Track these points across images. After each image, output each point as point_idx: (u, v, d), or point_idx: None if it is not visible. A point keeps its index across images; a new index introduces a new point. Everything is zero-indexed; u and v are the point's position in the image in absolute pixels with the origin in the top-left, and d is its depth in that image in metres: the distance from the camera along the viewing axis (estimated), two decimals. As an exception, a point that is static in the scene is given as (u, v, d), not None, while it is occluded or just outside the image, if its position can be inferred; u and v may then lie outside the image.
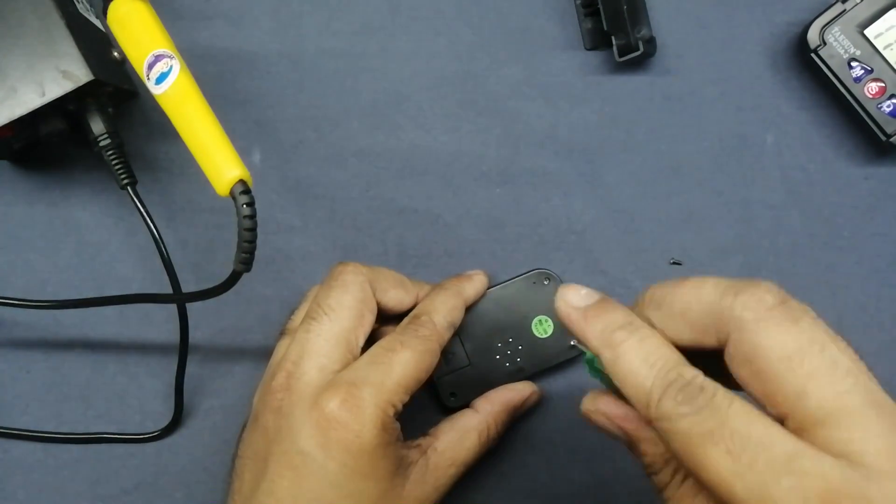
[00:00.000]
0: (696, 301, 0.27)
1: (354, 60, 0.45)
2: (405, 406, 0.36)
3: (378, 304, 0.38)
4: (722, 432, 0.24)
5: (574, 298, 0.30)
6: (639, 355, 0.27)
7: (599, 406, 0.30)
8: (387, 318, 0.40)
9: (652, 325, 0.28)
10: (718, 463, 0.24)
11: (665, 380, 0.26)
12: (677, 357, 0.27)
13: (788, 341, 0.25)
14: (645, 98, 0.45)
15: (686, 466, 0.25)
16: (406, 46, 0.45)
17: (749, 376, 0.26)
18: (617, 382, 0.28)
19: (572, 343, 0.42)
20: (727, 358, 0.27)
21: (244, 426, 0.39)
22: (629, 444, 0.30)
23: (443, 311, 0.39)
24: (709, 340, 0.27)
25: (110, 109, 0.41)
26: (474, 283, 0.42)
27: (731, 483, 0.24)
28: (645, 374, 0.26)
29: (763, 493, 0.23)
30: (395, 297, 0.39)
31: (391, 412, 0.35)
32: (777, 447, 0.23)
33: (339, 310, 0.36)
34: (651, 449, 0.29)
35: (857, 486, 0.22)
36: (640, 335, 0.28)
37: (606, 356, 0.28)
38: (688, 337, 0.28)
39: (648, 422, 0.27)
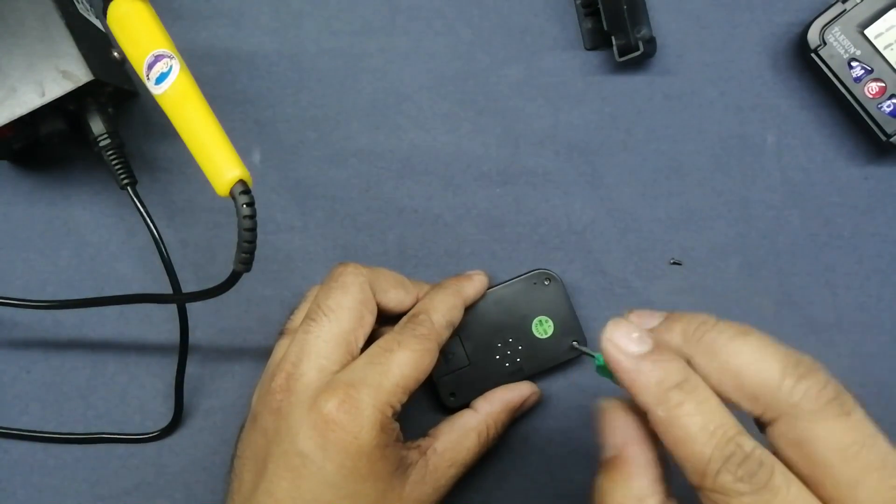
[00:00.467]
0: (756, 370, 0.26)
1: (354, 60, 0.45)
2: (404, 406, 0.36)
3: (378, 304, 0.38)
4: None
5: (625, 342, 0.28)
6: (697, 421, 0.26)
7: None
8: (386, 319, 0.40)
9: (694, 368, 0.27)
10: None
11: (724, 451, 0.25)
12: (737, 425, 0.26)
13: (845, 435, 0.25)
14: (645, 98, 0.45)
15: None
16: (406, 46, 0.45)
17: (799, 458, 0.26)
18: (667, 443, 0.26)
19: (573, 343, 0.42)
20: (773, 433, 0.26)
21: (242, 426, 0.39)
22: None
23: (441, 310, 0.39)
24: (753, 409, 0.27)
25: (110, 109, 0.41)
26: (474, 283, 0.42)
27: None
28: (704, 441, 0.25)
29: None
30: (395, 298, 0.39)
31: (389, 413, 0.35)
32: None
33: (339, 311, 0.36)
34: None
35: None
36: (699, 397, 0.26)
37: (660, 415, 0.26)
38: (732, 397, 0.27)
39: (696, 487, 0.26)
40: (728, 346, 0.27)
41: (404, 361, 0.35)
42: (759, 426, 0.27)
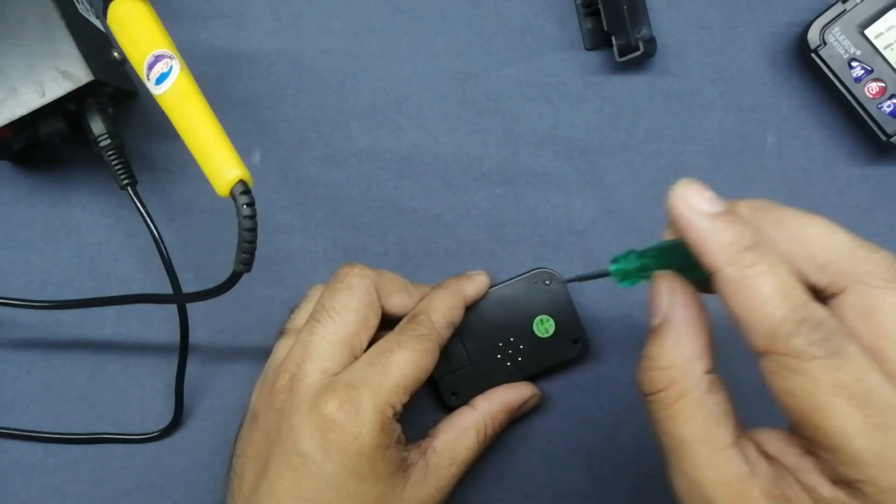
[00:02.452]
0: (827, 241, 0.26)
1: (354, 60, 0.45)
2: (405, 406, 0.36)
3: (381, 308, 0.38)
4: (855, 387, 0.24)
5: (698, 201, 0.27)
6: (770, 282, 0.25)
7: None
8: (386, 323, 0.40)
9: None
10: (845, 416, 0.23)
11: (798, 314, 0.24)
12: (808, 293, 0.25)
13: None
14: (645, 98, 0.45)
15: (792, 404, 0.25)
16: (406, 46, 0.45)
17: (866, 328, 0.25)
18: (734, 305, 0.25)
19: (575, 341, 0.42)
20: (840, 304, 0.26)
21: (241, 426, 0.39)
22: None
23: (441, 309, 0.39)
24: (820, 280, 0.26)
25: (110, 110, 0.41)
26: (475, 283, 0.41)
27: (852, 439, 0.23)
28: (777, 303, 0.24)
29: (891, 458, 0.23)
30: (399, 303, 0.39)
31: (390, 413, 0.35)
32: None
33: (344, 313, 0.36)
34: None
35: None
36: (772, 261, 0.25)
37: (730, 274, 0.25)
38: (802, 266, 0.27)
39: (762, 351, 0.25)
40: (797, 219, 0.27)
41: (404, 361, 0.35)
42: (823, 300, 0.27)
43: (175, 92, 0.36)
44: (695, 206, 0.27)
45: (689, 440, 0.27)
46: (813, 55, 0.43)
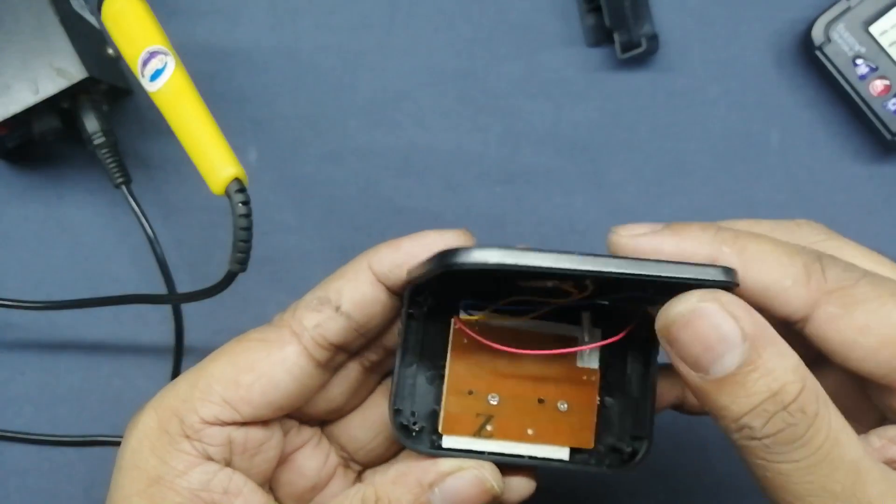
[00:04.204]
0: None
1: (352, 57, 0.45)
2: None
3: None
4: None
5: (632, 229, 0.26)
6: (770, 242, 0.24)
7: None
8: None
9: None
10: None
11: (817, 255, 0.24)
12: None
13: None
14: (647, 95, 0.44)
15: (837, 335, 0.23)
16: (405, 43, 0.45)
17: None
18: (749, 269, 0.24)
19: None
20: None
21: None
22: None
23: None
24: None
25: (104, 107, 0.41)
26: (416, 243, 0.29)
27: None
28: (794, 250, 0.24)
29: None
30: None
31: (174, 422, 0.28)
32: None
33: None
34: None
35: None
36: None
37: (728, 251, 0.24)
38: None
39: (805, 302, 0.23)
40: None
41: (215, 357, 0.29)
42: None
43: (170, 89, 0.36)
44: (630, 232, 0.26)
45: (860, 458, 0.22)
46: (817, 52, 0.42)
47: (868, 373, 0.24)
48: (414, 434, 0.29)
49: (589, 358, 0.29)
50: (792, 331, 0.24)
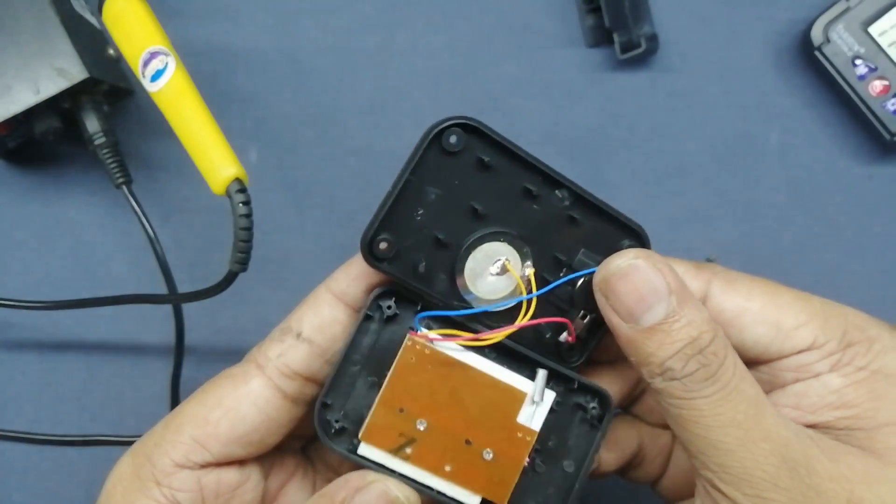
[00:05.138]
0: None
1: (353, 58, 0.45)
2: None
3: None
4: None
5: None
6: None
7: None
8: None
9: None
10: None
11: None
12: None
13: None
14: (647, 96, 0.44)
15: None
16: (405, 43, 0.45)
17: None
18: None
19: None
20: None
21: None
22: None
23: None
24: None
25: (105, 107, 0.41)
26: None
27: None
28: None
29: None
30: None
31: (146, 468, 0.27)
32: None
33: None
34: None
35: None
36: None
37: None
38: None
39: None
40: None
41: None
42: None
43: (170, 89, 0.36)
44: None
45: (758, 394, 0.25)
46: (816, 53, 0.42)
47: (759, 336, 0.27)
48: (334, 431, 0.28)
49: (532, 417, 0.29)
50: None
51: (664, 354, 0.25)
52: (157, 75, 0.36)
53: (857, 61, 0.42)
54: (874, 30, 0.42)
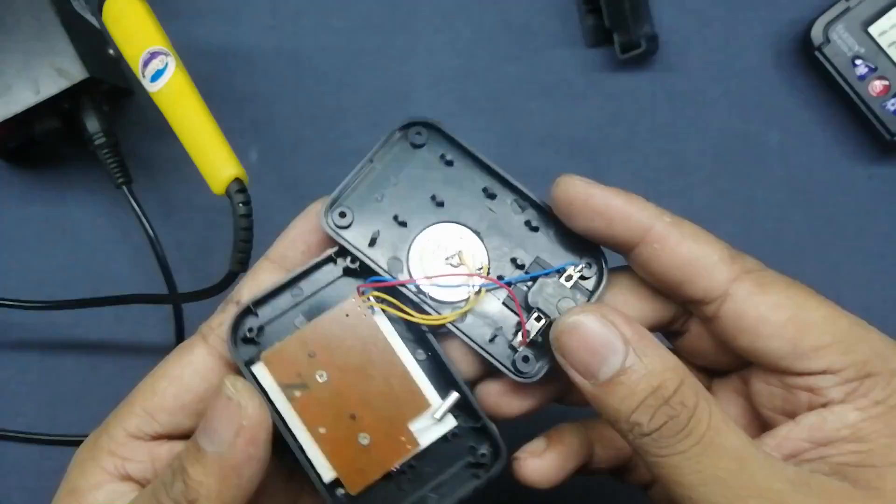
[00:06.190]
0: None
1: (353, 58, 0.45)
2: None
3: None
4: None
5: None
6: (700, 228, 0.27)
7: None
8: None
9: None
10: None
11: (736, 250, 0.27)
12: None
13: None
14: (647, 96, 0.44)
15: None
16: (405, 44, 0.45)
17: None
18: (684, 240, 0.26)
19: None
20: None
21: None
22: None
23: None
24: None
25: (105, 107, 0.41)
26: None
27: None
28: (719, 239, 0.27)
29: None
30: None
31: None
32: None
33: None
34: None
35: None
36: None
37: (668, 220, 0.27)
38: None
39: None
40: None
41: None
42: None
43: (171, 89, 0.36)
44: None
45: (741, 445, 0.24)
46: (816, 53, 0.42)
47: (773, 350, 0.26)
48: (243, 338, 0.28)
49: (424, 432, 0.27)
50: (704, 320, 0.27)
51: (627, 408, 0.24)
52: (157, 75, 0.36)
53: (857, 61, 0.42)
54: (874, 30, 0.42)
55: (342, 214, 0.29)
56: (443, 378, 0.28)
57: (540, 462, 0.28)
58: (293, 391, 0.27)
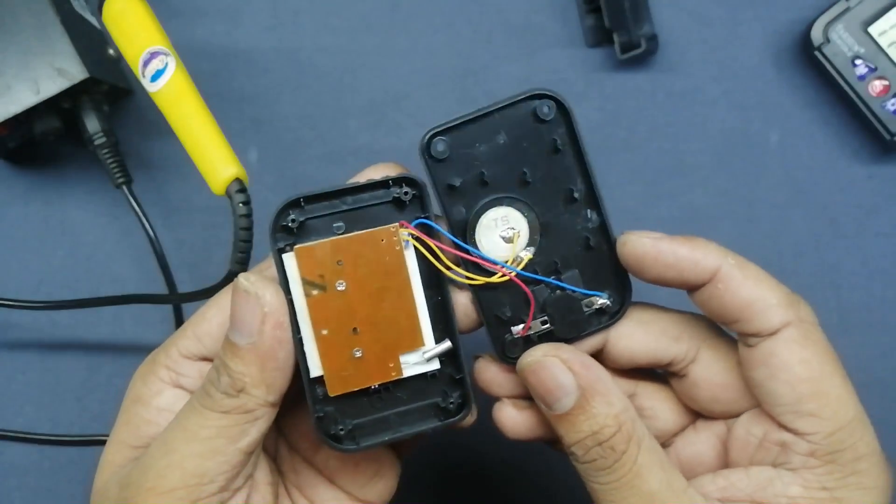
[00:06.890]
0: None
1: (353, 57, 0.45)
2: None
3: None
4: None
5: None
6: (763, 270, 0.29)
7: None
8: None
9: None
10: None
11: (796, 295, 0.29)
12: None
13: None
14: (647, 96, 0.44)
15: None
16: (405, 43, 0.45)
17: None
18: (746, 281, 0.28)
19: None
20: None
21: None
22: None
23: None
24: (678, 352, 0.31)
25: (105, 107, 0.41)
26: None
27: None
28: (779, 282, 0.29)
29: None
30: None
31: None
32: None
33: None
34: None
35: None
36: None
37: (732, 262, 0.29)
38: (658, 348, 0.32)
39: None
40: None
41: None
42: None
43: (170, 89, 0.36)
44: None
45: (657, 490, 0.27)
46: (816, 53, 0.42)
47: (779, 395, 0.28)
48: (283, 226, 0.28)
49: (409, 365, 0.29)
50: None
51: (569, 440, 0.28)
52: (157, 75, 0.36)
53: (857, 61, 0.42)
54: (874, 30, 0.42)
55: (441, 147, 0.29)
56: (443, 325, 0.30)
57: (516, 414, 0.30)
58: (312, 289, 0.28)
